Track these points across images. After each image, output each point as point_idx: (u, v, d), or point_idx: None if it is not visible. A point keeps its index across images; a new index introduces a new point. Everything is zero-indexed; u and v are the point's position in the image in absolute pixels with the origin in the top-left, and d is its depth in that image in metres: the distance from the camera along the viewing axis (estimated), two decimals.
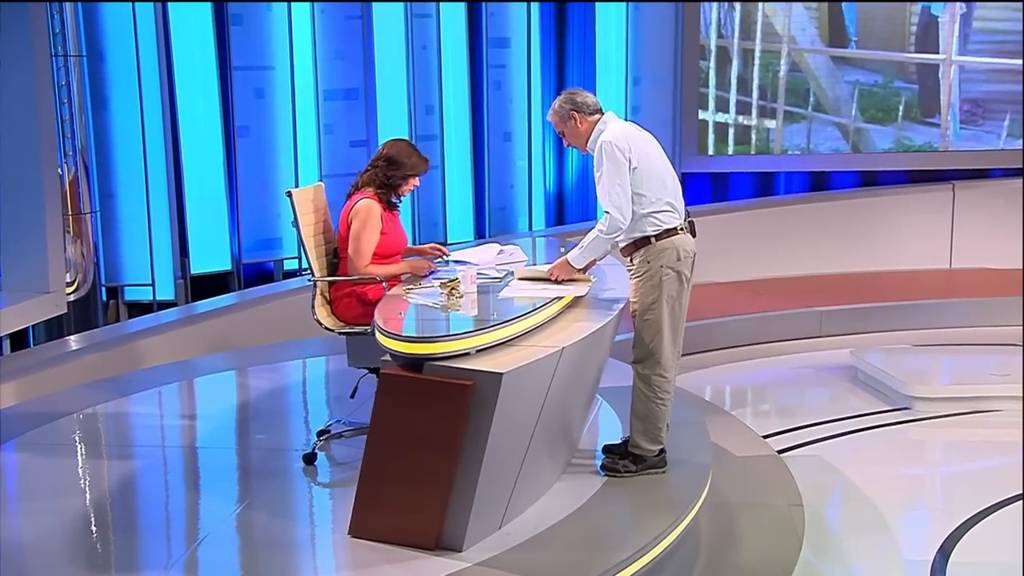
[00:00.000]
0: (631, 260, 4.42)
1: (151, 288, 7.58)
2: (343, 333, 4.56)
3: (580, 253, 4.34)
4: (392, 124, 8.33)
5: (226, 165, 7.81)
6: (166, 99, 7.50)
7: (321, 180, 8.01)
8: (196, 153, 7.72)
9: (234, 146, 7.77)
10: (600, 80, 9.33)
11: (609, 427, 5.05)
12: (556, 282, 4.37)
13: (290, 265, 8.18)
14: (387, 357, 3.74)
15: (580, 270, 4.41)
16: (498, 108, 9.00)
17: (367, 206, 4.55)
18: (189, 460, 4.89)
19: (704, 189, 9.70)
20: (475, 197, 9.01)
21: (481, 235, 9.07)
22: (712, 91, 9.43)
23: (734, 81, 9.40)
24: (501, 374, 3.53)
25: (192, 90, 7.68)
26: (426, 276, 4.58)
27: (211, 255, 7.87)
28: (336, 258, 4.71)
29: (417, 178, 4.69)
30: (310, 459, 4.61)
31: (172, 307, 7.48)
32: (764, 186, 9.80)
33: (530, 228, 9.29)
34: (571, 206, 9.50)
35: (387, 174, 4.62)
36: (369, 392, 5.01)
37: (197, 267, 7.80)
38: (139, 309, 7.59)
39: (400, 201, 4.75)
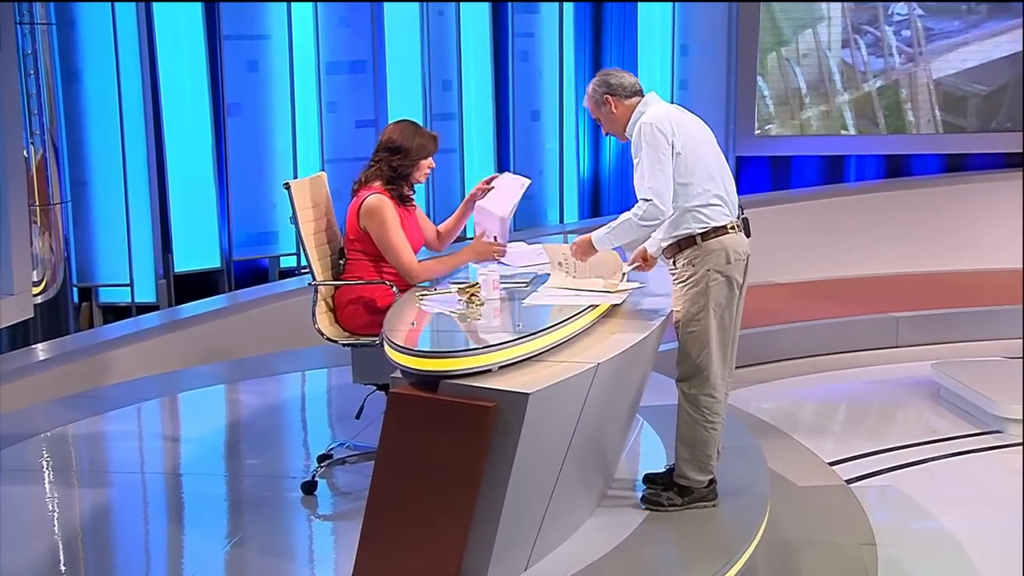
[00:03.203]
0: (673, 262, 4.42)
1: (129, 289, 7.66)
2: (348, 345, 4.59)
3: (606, 234, 4.32)
4: (404, 101, 8.38)
5: (215, 148, 7.88)
6: (147, 73, 7.57)
7: (324, 165, 8.07)
8: (181, 134, 7.79)
9: (224, 127, 7.83)
10: (642, 50, 9.34)
11: (651, 453, 5.05)
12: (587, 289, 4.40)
13: (287, 263, 8.24)
14: (397, 374, 3.76)
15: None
16: (525, 83, 9.02)
17: (377, 203, 4.57)
18: (172, 488, 4.93)
19: (763, 175, 9.68)
20: None
21: None
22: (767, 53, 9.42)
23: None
24: (527, 394, 3.54)
25: (176, 62, 7.75)
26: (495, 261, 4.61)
27: (197, 251, 7.94)
28: (342, 258, 4.74)
29: (431, 159, 4.70)
30: (310, 488, 4.65)
31: (153, 311, 7.56)
32: (832, 171, 9.78)
33: (561, 221, 9.31)
34: (608, 195, 9.51)
35: (392, 165, 4.63)
36: (377, 412, 5.05)
37: (181, 265, 7.88)
38: (116, 313, 7.67)
39: (414, 192, 4.77)
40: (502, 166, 9.01)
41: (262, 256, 8.18)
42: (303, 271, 8.15)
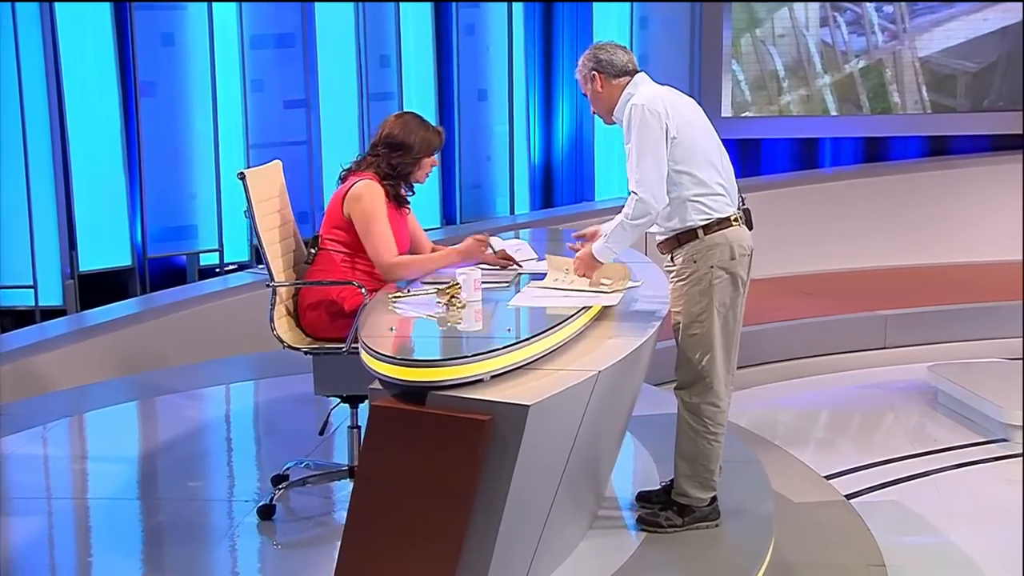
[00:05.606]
0: (671, 259, 4.47)
1: (32, 291, 7.56)
2: (311, 352, 4.58)
3: (605, 244, 4.39)
4: (337, 79, 8.36)
5: (125, 132, 7.79)
6: (49, 46, 7.47)
7: (248, 150, 8.02)
8: (86, 117, 7.70)
9: (136, 108, 7.75)
10: (598, 22, 9.41)
11: (640, 468, 5.12)
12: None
13: (208, 260, 8.17)
14: (376, 385, 3.77)
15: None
16: (470, 59, 9.03)
17: (368, 188, 4.57)
18: (100, 516, 4.85)
19: (731, 159, 9.74)
20: (442, 173, 9.03)
21: (450, 220, 9.12)
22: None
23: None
24: (527, 406, 3.55)
25: (80, 35, 7.65)
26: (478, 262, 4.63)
27: (105, 247, 7.85)
28: (315, 247, 4.72)
29: (434, 156, 4.71)
30: (267, 513, 4.63)
31: (60, 315, 7.46)
32: (807, 155, 9.93)
33: (512, 211, 9.34)
34: (561, 183, 9.56)
35: (392, 162, 4.64)
36: (332, 427, 5.06)
37: (88, 263, 7.78)
38: (16, 318, 7.56)
39: (413, 193, 4.79)
40: (446, 150, 9.00)
41: (179, 253, 8.11)
42: (226, 269, 8.12)
